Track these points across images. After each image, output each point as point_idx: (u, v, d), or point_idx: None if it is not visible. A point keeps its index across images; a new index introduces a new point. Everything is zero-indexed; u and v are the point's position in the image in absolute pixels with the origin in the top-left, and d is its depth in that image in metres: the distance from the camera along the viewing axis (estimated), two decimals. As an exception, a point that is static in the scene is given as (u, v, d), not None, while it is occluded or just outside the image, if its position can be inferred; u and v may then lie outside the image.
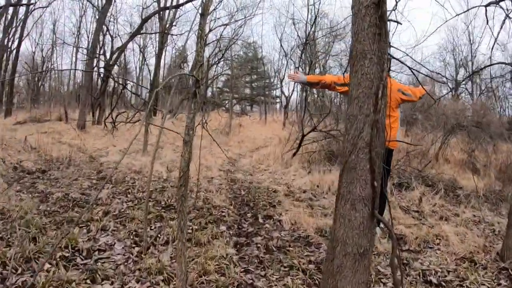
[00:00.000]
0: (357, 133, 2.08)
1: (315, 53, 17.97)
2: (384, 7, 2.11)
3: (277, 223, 4.24)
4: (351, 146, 2.09)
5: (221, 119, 14.54)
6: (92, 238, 3.67)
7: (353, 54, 2.21)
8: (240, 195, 5.57)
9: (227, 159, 8.98)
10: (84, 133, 12.75)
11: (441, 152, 8.02)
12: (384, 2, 2.13)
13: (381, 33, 2.10)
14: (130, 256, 3.31)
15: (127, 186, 5.80)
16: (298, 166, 7.70)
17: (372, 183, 1.99)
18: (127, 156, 8.38)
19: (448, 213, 4.73)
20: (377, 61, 2.09)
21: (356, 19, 2.18)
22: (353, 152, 2.07)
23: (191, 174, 6.65)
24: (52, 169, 6.82)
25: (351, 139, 2.11)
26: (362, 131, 2.06)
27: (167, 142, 11.46)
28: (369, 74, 2.09)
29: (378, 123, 2.01)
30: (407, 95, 4.23)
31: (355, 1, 2.19)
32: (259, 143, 12.92)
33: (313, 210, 4.80)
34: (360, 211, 2.05)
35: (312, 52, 17.37)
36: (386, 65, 2.13)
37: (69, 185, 5.65)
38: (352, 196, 2.06)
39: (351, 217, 2.05)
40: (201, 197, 5.22)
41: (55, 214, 4.34)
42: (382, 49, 2.11)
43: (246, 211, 4.73)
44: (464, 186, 6.15)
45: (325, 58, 21.81)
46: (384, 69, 2.08)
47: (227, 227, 4.07)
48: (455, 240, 3.64)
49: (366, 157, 2.03)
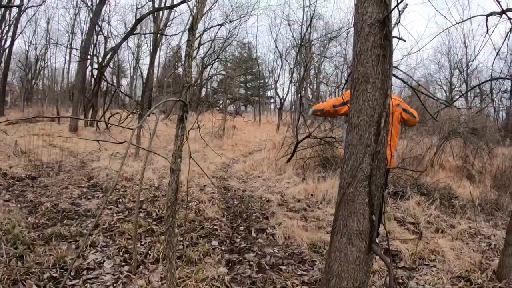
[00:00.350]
0: (356, 164, 1.96)
1: (310, 55, 17.91)
2: (390, 25, 1.99)
3: (270, 238, 4.16)
4: (350, 177, 1.97)
5: (214, 121, 14.42)
6: (81, 255, 3.55)
7: (354, 77, 2.07)
8: (233, 205, 5.49)
9: (219, 164, 8.89)
10: (76, 136, 12.59)
11: (436, 158, 7.97)
12: (390, 19, 2.00)
13: (385, 54, 1.97)
14: (120, 276, 3.20)
15: (118, 195, 5.68)
16: (292, 173, 7.62)
17: (371, 217, 1.92)
18: (118, 161, 8.26)
19: (444, 225, 4.66)
20: (380, 85, 1.96)
21: (359, 38, 2.03)
22: (352, 184, 1.96)
23: (183, 182, 6.62)
24: (42, 176, 6.68)
25: (349, 170, 1.99)
26: (362, 162, 1.94)
27: (160, 146, 11.33)
28: (371, 100, 1.96)
29: (379, 154, 1.91)
30: (409, 114, 3.96)
31: (358, 18, 2.05)
32: (253, 146, 12.84)
33: (307, 222, 4.72)
34: (357, 246, 1.96)
35: (307, 54, 17.30)
36: (390, 90, 1.99)
37: (59, 194, 5.53)
38: (349, 230, 1.97)
39: (347, 251, 1.97)
40: (193, 208, 5.13)
41: (43, 227, 4.22)
42: (386, 72, 1.98)
43: (239, 224, 4.65)
44: (460, 195, 6.09)
45: (320, 60, 21.76)
46: (388, 95, 1.95)
47: (219, 242, 3.98)
48: (451, 255, 3.58)
49: (365, 190, 1.93)
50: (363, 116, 1.98)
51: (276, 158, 8.64)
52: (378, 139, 1.92)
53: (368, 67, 1.97)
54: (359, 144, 1.98)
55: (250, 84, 41.27)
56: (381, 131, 1.91)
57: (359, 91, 2.01)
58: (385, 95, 1.96)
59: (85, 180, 6.63)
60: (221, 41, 22.06)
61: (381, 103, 1.96)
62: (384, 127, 1.93)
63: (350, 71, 2.16)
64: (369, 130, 1.96)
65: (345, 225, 1.99)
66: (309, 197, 5.97)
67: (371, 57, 1.97)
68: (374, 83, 1.96)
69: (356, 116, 2.01)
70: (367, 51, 1.98)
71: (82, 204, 5.11)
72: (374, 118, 1.96)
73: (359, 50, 2.02)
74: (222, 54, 23.25)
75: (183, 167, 7.19)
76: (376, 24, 1.97)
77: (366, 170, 1.94)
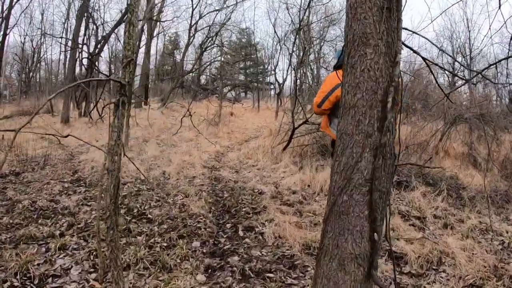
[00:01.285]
0: (352, 161, 1.45)
1: (309, 39, 17.32)
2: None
3: (259, 237, 3.72)
4: (343, 180, 1.45)
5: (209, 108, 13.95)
6: (49, 260, 3.20)
7: (348, 39, 1.55)
8: (222, 199, 5.07)
9: (213, 153, 8.47)
10: (67, 127, 12.18)
11: (441, 145, 7.50)
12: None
13: (390, 7, 1.46)
14: (85, 285, 2.83)
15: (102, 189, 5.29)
16: (289, 161, 7.19)
17: (371, 236, 1.40)
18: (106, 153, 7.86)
19: (452, 219, 4.23)
20: (385, 50, 1.46)
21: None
22: (345, 191, 1.45)
23: (172, 173, 6.22)
24: (26, 171, 6.31)
25: (343, 170, 1.48)
26: (360, 159, 1.44)
27: (153, 135, 10.93)
28: (372, 70, 1.46)
29: (385, 148, 1.39)
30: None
31: None
32: (249, 133, 12.40)
33: (301, 217, 4.30)
34: (351, 273, 1.44)
35: (306, 38, 16.72)
36: (399, 57, 1.48)
37: (39, 190, 5.17)
38: (341, 252, 1.47)
39: (338, 280, 1.46)
40: (178, 203, 4.72)
41: (17, 227, 3.91)
42: (392, 31, 1.47)
43: (226, 221, 4.22)
44: (467, 184, 5.65)
45: (320, 44, 21.15)
46: (397, 63, 1.44)
47: (201, 242, 3.57)
48: (462, 257, 3.14)
49: (364, 199, 1.42)
50: (362, 93, 1.48)
51: (272, 146, 8.22)
52: (384, 125, 1.41)
53: (368, 24, 1.47)
54: (356, 133, 1.48)
55: (249, 70, 40.65)
56: (388, 114, 1.41)
57: (355, 57, 1.51)
58: (393, 62, 1.47)
59: (70, 174, 6.28)
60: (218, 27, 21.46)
61: (387, 74, 1.46)
62: (392, 109, 1.42)
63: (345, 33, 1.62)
64: (370, 113, 1.47)
65: (335, 246, 1.49)
66: (305, 188, 5.55)
67: (372, 10, 1.47)
68: (376, 46, 1.46)
69: (352, 93, 1.51)
70: (366, 2, 1.49)
71: (61, 201, 4.78)
72: (377, 95, 1.46)
73: (354, 0, 1.53)
74: (218, 39, 22.65)
75: (174, 157, 6.73)
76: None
77: (366, 170, 1.44)
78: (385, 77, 1.46)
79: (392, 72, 1.44)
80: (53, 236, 3.68)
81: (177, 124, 10.65)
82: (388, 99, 1.40)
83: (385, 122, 1.40)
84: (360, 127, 1.46)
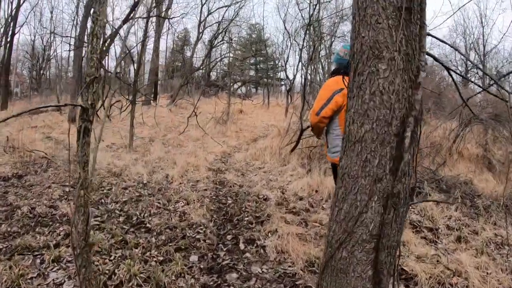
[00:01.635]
0: (355, 211, 1.16)
1: (319, 35, 16.97)
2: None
3: (261, 251, 3.52)
4: (343, 233, 1.18)
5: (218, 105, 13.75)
6: (42, 273, 3.05)
7: (355, 50, 1.21)
8: (225, 205, 4.88)
9: (219, 154, 8.29)
10: (74, 126, 12.10)
11: (454, 146, 7.20)
12: None
13: (410, 6, 1.11)
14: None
15: (101, 194, 5.16)
16: (297, 164, 6.98)
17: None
18: (111, 153, 7.75)
19: (466, 231, 3.98)
20: (403, 65, 1.13)
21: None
22: (345, 246, 1.18)
23: (175, 176, 6.05)
24: (29, 173, 6.21)
25: (343, 221, 1.20)
26: (365, 209, 1.14)
27: (159, 134, 10.80)
28: (386, 92, 1.13)
29: (399, 198, 1.09)
30: None
31: None
32: (258, 132, 12.19)
33: (307, 228, 4.09)
34: None
35: (316, 34, 16.39)
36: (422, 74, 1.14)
37: (40, 195, 5.06)
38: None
39: None
40: (178, 210, 4.54)
41: (14, 236, 3.78)
42: (413, 38, 1.12)
43: (227, 231, 4.02)
44: (482, 190, 5.37)
45: (330, 39, 20.78)
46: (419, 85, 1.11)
47: (199, 256, 3.39)
48: (476, 278, 2.91)
49: (367, 257, 1.14)
50: (372, 124, 1.17)
51: (280, 147, 8.00)
52: (399, 168, 1.09)
53: (381, 30, 1.13)
54: (362, 175, 1.18)
55: (260, 66, 40.39)
56: (404, 153, 1.10)
57: (363, 75, 1.18)
58: (413, 83, 1.13)
59: (72, 177, 6.14)
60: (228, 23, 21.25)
61: (405, 98, 1.13)
62: (410, 146, 1.11)
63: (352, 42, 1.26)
64: (381, 150, 1.15)
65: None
66: (313, 194, 5.34)
67: (386, 12, 1.12)
68: (392, 61, 1.13)
69: (358, 122, 1.20)
70: (378, 1, 1.14)
71: (60, 207, 4.64)
72: (391, 127, 1.14)
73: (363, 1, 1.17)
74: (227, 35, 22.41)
75: (179, 158, 6.54)
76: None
77: (372, 224, 1.15)
78: (403, 103, 1.13)
79: (412, 96, 1.09)
80: (49, 247, 3.54)
81: (185, 123, 10.49)
82: (406, 133, 1.07)
83: (400, 163, 1.10)
84: (368, 169, 1.16)
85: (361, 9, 1.18)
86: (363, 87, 1.19)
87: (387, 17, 1.13)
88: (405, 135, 1.10)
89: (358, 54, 1.20)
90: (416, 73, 1.14)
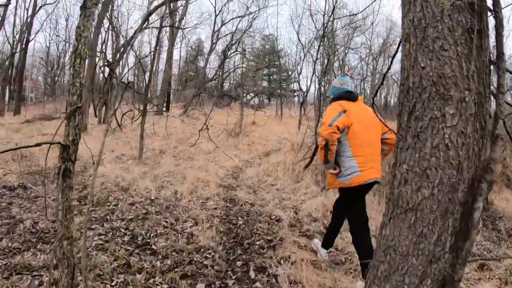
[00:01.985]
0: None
1: (333, 46, 16.79)
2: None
3: (272, 280, 3.26)
4: None
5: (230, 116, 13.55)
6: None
7: (410, 84, 0.94)
8: (236, 227, 4.63)
9: (231, 169, 8.06)
10: (84, 135, 12.04)
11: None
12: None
13: (481, 28, 0.85)
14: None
15: (107, 210, 4.96)
16: (311, 181, 6.71)
17: None
18: (120, 165, 7.59)
19: (488, 256, 3.69)
20: (475, 109, 0.87)
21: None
22: None
23: (184, 193, 5.82)
24: (36, 184, 6.06)
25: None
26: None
27: (170, 146, 10.62)
28: (454, 147, 0.87)
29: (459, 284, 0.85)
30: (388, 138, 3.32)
31: None
32: (271, 145, 11.93)
33: (322, 254, 3.82)
34: None
35: (330, 45, 16.21)
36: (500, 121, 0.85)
37: (44, 208, 4.88)
38: None
39: None
40: (186, 231, 4.31)
41: (14, 253, 3.59)
42: (484, 71, 0.87)
43: (237, 256, 3.76)
44: (503, 211, 5.06)
45: (344, 51, 20.57)
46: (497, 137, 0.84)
47: (206, 284, 3.15)
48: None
49: None
50: (432, 188, 0.89)
51: (293, 162, 7.75)
52: (464, 248, 0.84)
53: (447, 61, 0.85)
54: (413, 253, 0.90)
55: (273, 77, 40.31)
56: (471, 231, 0.84)
57: (424, 120, 0.90)
58: (490, 133, 0.86)
59: (78, 189, 5.96)
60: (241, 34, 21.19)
61: (476, 152, 0.87)
62: (479, 221, 0.89)
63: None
64: (442, 223, 0.88)
65: None
66: (327, 215, 5.06)
67: (454, 35, 0.84)
68: (462, 103, 0.86)
69: (413, 184, 0.92)
70: (443, 18, 0.84)
71: (64, 222, 4.41)
72: (457, 193, 0.88)
73: (421, 16, 0.89)
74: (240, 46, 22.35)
75: (189, 172, 6.32)
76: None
77: None
78: (473, 161, 0.87)
79: (485, 152, 0.81)
80: (48, 267, 3.35)
81: (197, 134, 10.31)
82: (477, 203, 0.81)
83: (465, 243, 0.84)
84: (422, 246, 0.88)
85: (419, 29, 0.90)
86: (422, 137, 0.93)
87: (455, 43, 0.86)
88: (475, 207, 0.84)
89: (415, 91, 0.93)
90: (495, 119, 0.85)
